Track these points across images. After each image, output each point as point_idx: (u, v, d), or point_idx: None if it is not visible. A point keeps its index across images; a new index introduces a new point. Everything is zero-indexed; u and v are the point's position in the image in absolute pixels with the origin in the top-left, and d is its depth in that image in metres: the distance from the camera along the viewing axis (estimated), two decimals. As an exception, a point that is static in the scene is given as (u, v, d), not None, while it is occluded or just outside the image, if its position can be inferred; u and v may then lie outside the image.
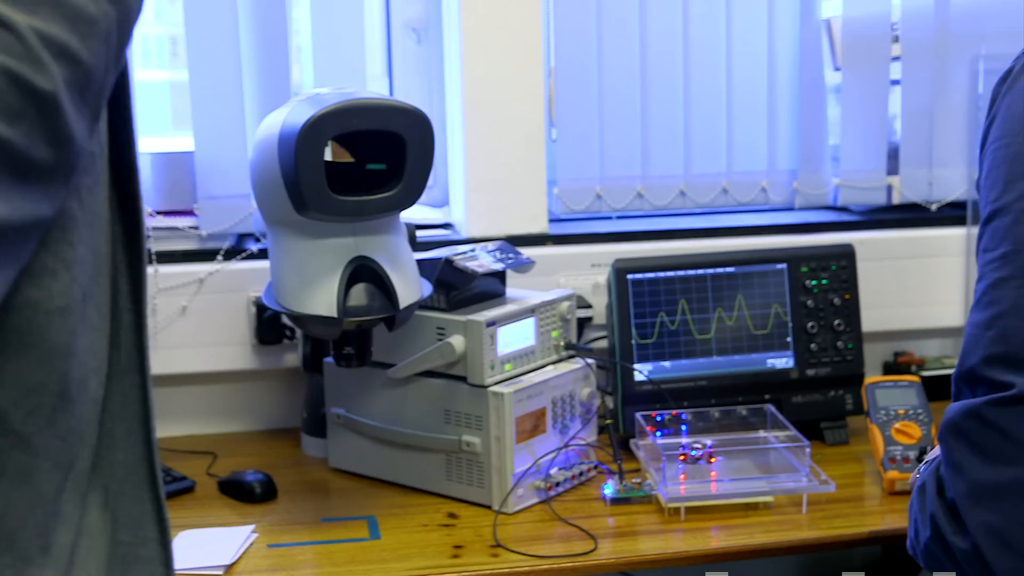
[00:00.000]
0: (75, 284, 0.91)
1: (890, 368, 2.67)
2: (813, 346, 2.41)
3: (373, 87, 2.72)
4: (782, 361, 2.41)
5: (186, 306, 2.51)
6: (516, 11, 2.55)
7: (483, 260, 2.22)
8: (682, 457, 2.19)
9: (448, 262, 2.17)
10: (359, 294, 1.99)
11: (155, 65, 2.82)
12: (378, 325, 2.05)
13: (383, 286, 2.00)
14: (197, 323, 2.52)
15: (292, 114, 1.95)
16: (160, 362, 2.46)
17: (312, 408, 2.43)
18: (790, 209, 2.82)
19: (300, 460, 2.43)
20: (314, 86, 2.59)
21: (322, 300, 1.98)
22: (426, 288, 2.10)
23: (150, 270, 2.46)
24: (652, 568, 2.06)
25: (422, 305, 2.13)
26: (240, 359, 2.55)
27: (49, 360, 0.90)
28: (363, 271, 1.99)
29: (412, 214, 2.62)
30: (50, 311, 0.89)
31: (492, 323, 2.13)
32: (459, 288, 2.19)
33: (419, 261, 2.15)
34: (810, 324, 2.40)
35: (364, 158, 2.02)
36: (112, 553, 1.00)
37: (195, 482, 2.30)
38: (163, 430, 2.50)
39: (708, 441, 2.23)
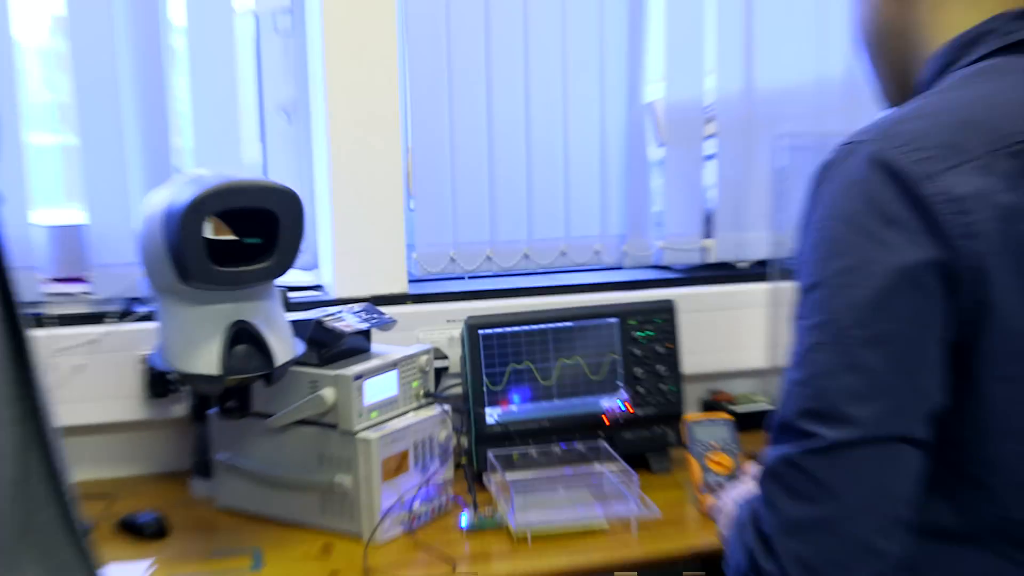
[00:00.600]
0: None
1: (708, 405, 2.73)
2: (640, 389, 2.46)
3: (248, 160, 2.71)
4: (614, 402, 2.46)
5: (82, 364, 2.48)
6: (376, 94, 2.56)
7: (350, 321, 2.25)
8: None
9: (319, 323, 2.19)
10: (239, 354, 2.01)
11: (48, 129, 2.77)
12: (257, 381, 2.06)
13: (261, 346, 2.01)
14: (92, 379, 2.49)
15: (176, 194, 1.96)
16: (61, 414, 2.46)
17: (200, 453, 2.41)
18: (620, 268, 2.85)
19: (190, 501, 2.40)
20: (194, 161, 2.60)
21: (206, 360, 1.99)
22: (299, 347, 2.12)
23: (45, 332, 2.44)
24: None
25: (296, 361, 2.14)
26: (132, 411, 2.52)
27: None
28: (242, 333, 2.01)
29: (285, 277, 2.64)
30: None
31: (359, 376, 2.14)
32: (329, 345, 2.20)
33: (293, 322, 2.17)
34: (637, 370, 2.46)
35: (242, 232, 2.04)
36: None
37: (92, 523, 2.24)
38: (62, 477, 2.51)
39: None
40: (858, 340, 1.23)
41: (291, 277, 2.64)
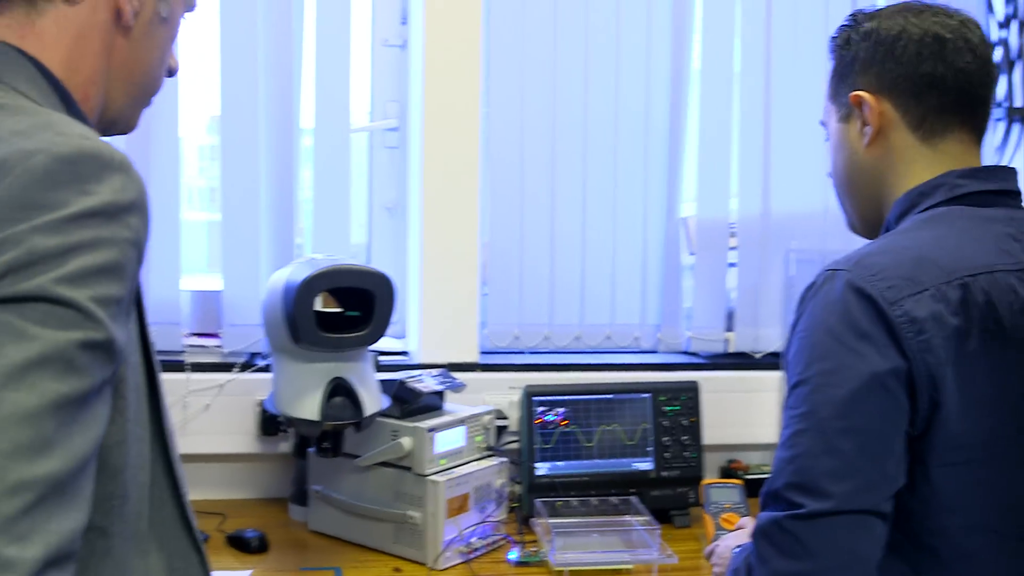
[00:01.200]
0: (127, 422, 0.96)
1: (725, 472, 2.66)
2: (667, 455, 2.42)
3: (356, 243, 2.74)
4: (644, 464, 2.42)
5: (209, 404, 2.49)
6: (459, 199, 2.57)
7: (428, 383, 2.24)
8: (538, 420, 2.30)
9: (402, 383, 2.19)
10: (336, 404, 2.01)
11: (199, 208, 2.86)
12: (349, 427, 2.06)
13: (354, 399, 2.01)
14: (217, 417, 2.50)
15: (294, 273, 1.99)
16: (189, 444, 2.44)
17: (298, 484, 2.40)
18: (655, 352, 2.82)
19: (288, 523, 2.39)
20: (312, 242, 2.63)
21: (309, 407, 1.99)
22: (385, 401, 2.11)
23: (183, 376, 2.47)
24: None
25: (382, 413, 2.13)
26: (247, 445, 2.52)
27: (113, 477, 0.95)
28: (339, 388, 2.01)
29: (379, 343, 2.62)
30: (110, 446, 0.94)
31: (432, 429, 2.13)
32: (409, 402, 2.19)
33: (381, 381, 2.16)
34: (665, 438, 2.42)
35: (345, 305, 2.05)
36: (167, 563, 1.06)
37: (208, 535, 2.26)
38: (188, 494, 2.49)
39: (561, 410, 2.33)
40: (836, 429, 1.27)
41: (384, 344, 2.64)
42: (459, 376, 2.39)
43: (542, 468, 2.37)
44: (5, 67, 0.97)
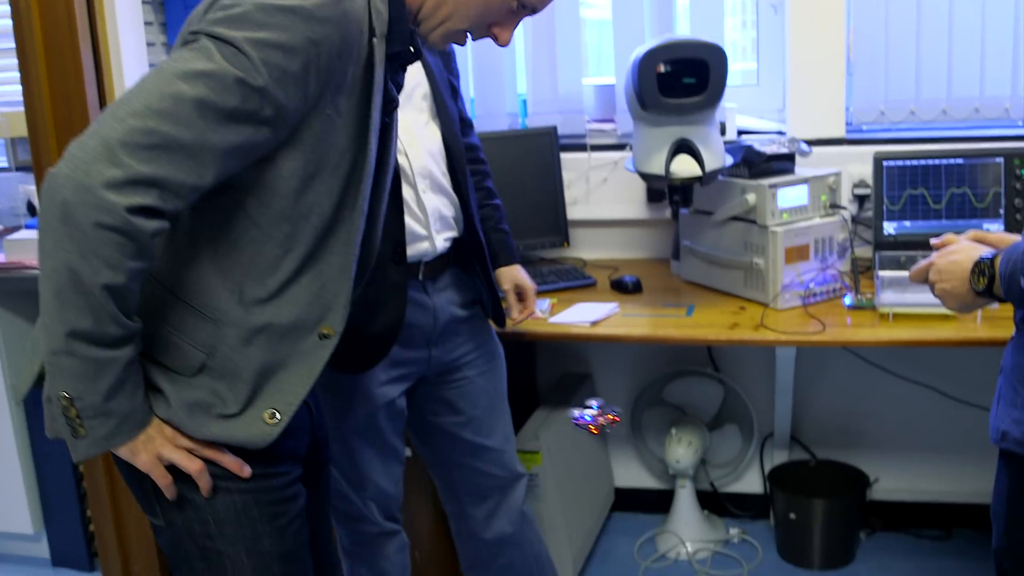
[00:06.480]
0: (301, 164, 1.16)
1: None
2: (1019, 216, 2.25)
3: (746, 38, 2.75)
4: (995, 225, 2.27)
5: (607, 178, 2.68)
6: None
7: (773, 147, 2.25)
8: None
9: (750, 147, 2.22)
10: (679, 161, 2.09)
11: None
12: (693, 182, 2.12)
13: (696, 157, 2.09)
14: (613, 189, 2.67)
15: (640, 49, 2.09)
16: (592, 211, 2.69)
17: (675, 242, 2.52)
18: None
19: (667, 275, 2.52)
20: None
21: (656, 164, 2.10)
22: (728, 160, 2.16)
23: (584, 155, 2.67)
24: (849, 346, 2.08)
25: (733, 174, 2.19)
26: (637, 212, 2.68)
27: (273, 196, 1.17)
28: (683, 147, 2.08)
29: (762, 125, 2.66)
30: (280, 176, 1.16)
31: (773, 186, 2.16)
32: (756, 163, 2.22)
33: (731, 145, 2.22)
34: (1017, 200, 2.25)
35: (683, 75, 2.09)
36: (317, 293, 1.23)
37: (596, 280, 2.45)
38: (584, 253, 2.74)
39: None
40: None
41: (766, 124, 2.67)
42: (825, 150, 2.34)
43: (889, 227, 2.32)
44: None
